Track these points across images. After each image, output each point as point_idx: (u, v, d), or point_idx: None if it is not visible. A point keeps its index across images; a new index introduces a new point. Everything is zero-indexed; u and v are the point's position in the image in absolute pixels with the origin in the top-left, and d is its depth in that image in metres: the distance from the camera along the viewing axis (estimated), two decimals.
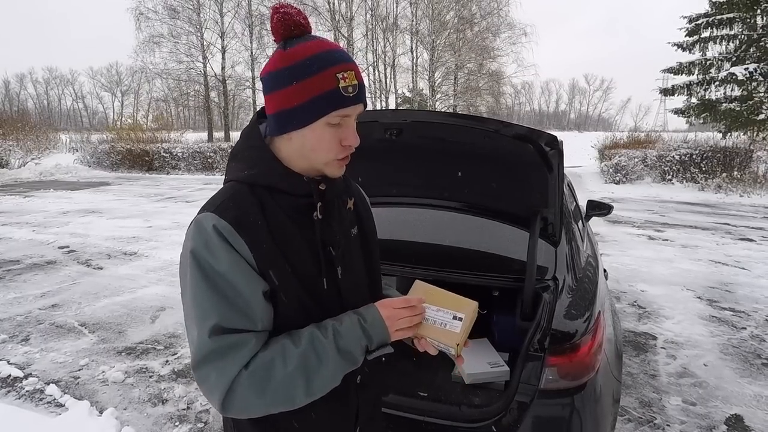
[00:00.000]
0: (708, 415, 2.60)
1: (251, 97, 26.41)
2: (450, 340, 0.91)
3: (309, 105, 0.81)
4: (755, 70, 12.83)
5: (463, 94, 24.74)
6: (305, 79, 0.80)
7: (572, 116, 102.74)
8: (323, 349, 0.81)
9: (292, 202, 0.87)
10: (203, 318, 0.77)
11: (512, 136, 1.68)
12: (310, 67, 0.80)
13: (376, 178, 2.12)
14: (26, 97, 75.70)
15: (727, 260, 5.63)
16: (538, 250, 1.83)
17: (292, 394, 0.79)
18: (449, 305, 0.95)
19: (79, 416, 2.53)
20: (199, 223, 0.80)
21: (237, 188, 0.85)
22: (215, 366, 0.76)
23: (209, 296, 0.77)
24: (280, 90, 0.81)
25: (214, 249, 0.78)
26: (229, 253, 0.79)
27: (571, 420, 1.50)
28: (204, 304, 0.78)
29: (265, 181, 0.86)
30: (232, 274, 0.78)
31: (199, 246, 0.79)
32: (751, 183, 11.34)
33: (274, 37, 0.84)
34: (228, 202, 0.83)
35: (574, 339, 1.54)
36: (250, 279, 0.80)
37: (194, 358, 0.78)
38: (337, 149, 0.85)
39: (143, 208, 9.47)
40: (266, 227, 0.82)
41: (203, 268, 0.78)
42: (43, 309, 4.13)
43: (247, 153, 0.88)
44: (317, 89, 0.80)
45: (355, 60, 0.90)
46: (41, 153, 18.25)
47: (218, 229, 0.79)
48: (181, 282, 0.83)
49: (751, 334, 3.61)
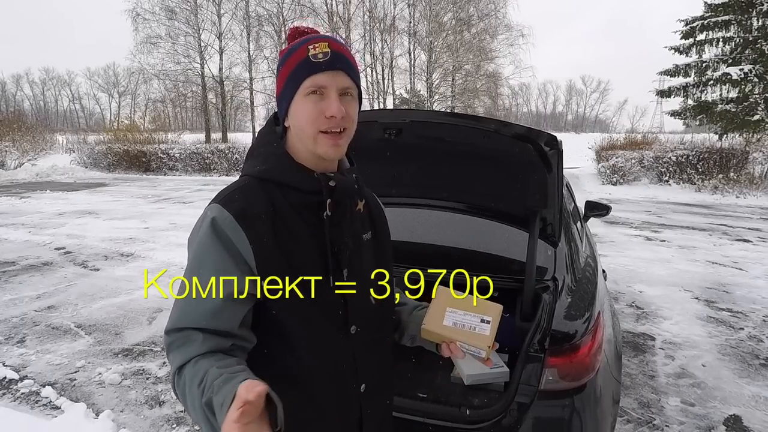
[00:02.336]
0: (707, 415, 2.60)
1: (249, 98, 26.36)
2: (481, 342, 0.93)
3: (288, 82, 0.85)
4: (750, 72, 12.90)
5: (460, 95, 24.77)
6: (285, 63, 0.86)
7: (569, 118, 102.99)
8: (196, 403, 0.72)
9: (302, 199, 0.86)
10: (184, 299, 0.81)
11: (511, 135, 1.67)
12: (290, 51, 0.86)
13: (375, 177, 2.10)
14: (23, 98, 75.37)
15: (724, 261, 5.65)
16: (538, 251, 1.83)
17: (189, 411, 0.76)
18: (475, 309, 0.97)
19: (75, 418, 2.51)
20: (204, 213, 0.84)
21: (247, 182, 0.87)
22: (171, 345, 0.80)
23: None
24: (275, 82, 0.90)
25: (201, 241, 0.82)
26: (217, 246, 0.81)
27: (571, 421, 1.50)
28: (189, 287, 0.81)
29: (275, 176, 0.87)
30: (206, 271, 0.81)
31: (193, 235, 0.84)
32: (747, 184, 11.39)
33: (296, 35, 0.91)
34: (235, 194, 0.84)
35: (573, 340, 1.54)
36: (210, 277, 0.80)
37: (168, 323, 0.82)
38: (320, 121, 0.84)
39: (140, 210, 9.44)
40: (271, 222, 0.82)
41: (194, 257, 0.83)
42: (39, 311, 4.10)
43: (262, 149, 0.91)
44: (293, 65, 0.85)
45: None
46: (38, 154, 18.20)
47: (215, 221, 0.81)
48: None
49: (749, 335, 3.62)
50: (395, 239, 2.37)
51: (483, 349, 0.93)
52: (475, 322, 0.95)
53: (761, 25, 13.34)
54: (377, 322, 0.97)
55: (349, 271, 0.90)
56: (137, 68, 24.11)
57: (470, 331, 0.94)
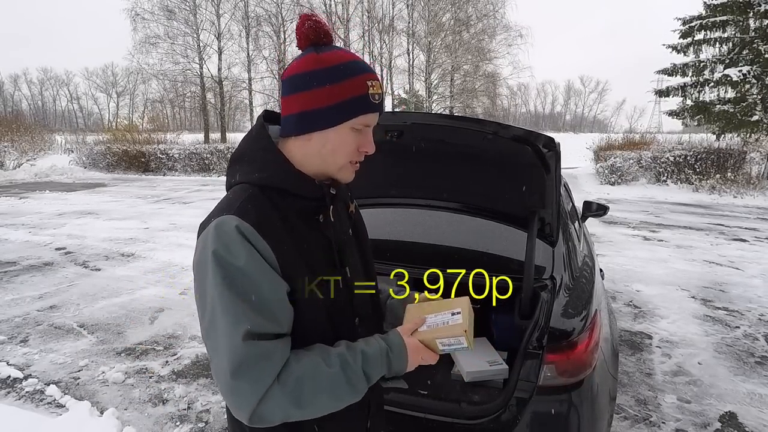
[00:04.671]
0: (702, 412, 2.64)
1: (248, 99, 26.36)
2: (457, 330, 0.95)
3: (339, 107, 0.84)
4: (748, 72, 12.95)
5: (459, 95, 24.81)
6: (338, 82, 0.83)
7: (568, 118, 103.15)
8: (352, 373, 0.83)
9: (302, 205, 0.89)
10: (234, 324, 0.75)
11: (510, 137, 1.71)
12: (344, 72, 0.83)
13: (377, 179, 2.15)
14: (20, 98, 75.25)
15: (721, 260, 5.69)
16: (536, 250, 1.86)
17: (320, 409, 0.81)
18: (444, 308, 1.01)
19: (79, 416, 2.54)
20: (220, 226, 0.79)
21: (251, 191, 0.84)
22: (250, 377, 0.74)
23: (237, 301, 0.76)
24: (310, 90, 0.83)
25: (238, 251, 0.77)
26: (252, 255, 0.78)
27: (569, 416, 1.53)
28: (233, 310, 0.75)
29: (277, 183, 0.86)
30: (257, 276, 0.78)
31: (221, 249, 0.77)
32: (744, 184, 11.45)
33: (302, 42, 0.86)
34: (246, 205, 0.82)
35: (571, 337, 1.57)
36: (273, 281, 0.80)
37: (227, 368, 0.74)
38: (354, 154, 0.89)
39: (140, 210, 9.45)
40: (283, 229, 0.83)
41: (229, 272, 0.76)
42: (41, 310, 4.13)
43: (258, 155, 0.88)
44: (348, 93, 0.84)
45: None
46: (36, 154, 18.18)
47: (241, 230, 0.78)
48: (197, 289, 0.80)
49: (745, 333, 3.66)
50: (396, 239, 2.41)
51: (461, 336, 0.95)
52: (447, 317, 0.99)
53: (758, 26, 13.40)
54: (373, 312, 1.05)
55: (350, 268, 0.97)
56: (136, 68, 24.07)
57: (445, 326, 0.97)
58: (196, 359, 3.26)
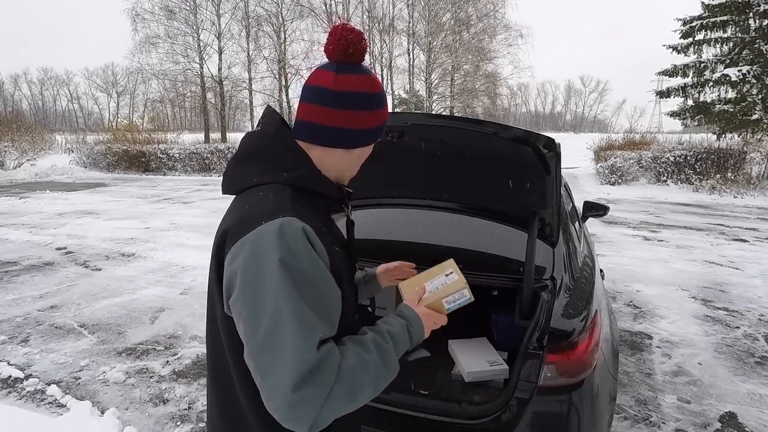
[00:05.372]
0: (702, 412, 2.64)
1: (248, 99, 26.36)
2: (459, 286, 1.05)
3: (378, 129, 0.95)
4: (748, 72, 12.96)
5: (459, 95, 24.80)
6: (383, 107, 0.94)
7: (568, 117, 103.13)
8: (387, 356, 0.84)
9: (324, 204, 0.93)
10: (307, 333, 0.73)
11: (511, 138, 1.71)
12: (384, 98, 0.94)
13: (378, 179, 2.15)
14: (21, 98, 75.24)
15: (721, 260, 5.70)
16: (536, 251, 1.86)
17: (367, 398, 0.81)
18: (435, 274, 1.11)
19: (80, 416, 2.54)
20: (284, 229, 0.76)
21: (288, 191, 0.85)
22: (315, 384, 0.72)
23: (306, 308, 0.74)
24: (363, 111, 0.90)
25: (304, 255, 0.76)
26: (315, 258, 0.78)
27: (569, 416, 1.54)
28: (304, 318, 0.73)
29: (309, 184, 0.88)
30: (320, 280, 0.78)
31: (287, 254, 0.74)
32: (744, 184, 11.45)
33: (344, 57, 0.88)
34: (296, 205, 0.82)
35: (571, 337, 1.58)
36: (332, 284, 0.81)
37: (288, 382, 0.70)
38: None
39: (140, 210, 9.46)
40: (322, 228, 0.85)
41: (297, 279, 0.74)
42: (42, 310, 4.13)
43: (285, 154, 0.89)
44: (383, 118, 0.95)
45: None
46: (37, 154, 18.18)
47: (306, 233, 0.77)
48: (248, 300, 0.75)
49: (745, 333, 3.67)
50: (396, 240, 2.41)
51: (464, 289, 1.04)
52: (443, 279, 1.08)
53: (758, 26, 13.40)
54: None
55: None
56: (136, 68, 24.06)
57: (444, 286, 1.05)
58: (197, 359, 3.26)
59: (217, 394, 0.93)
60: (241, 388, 0.85)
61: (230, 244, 0.79)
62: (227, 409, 0.91)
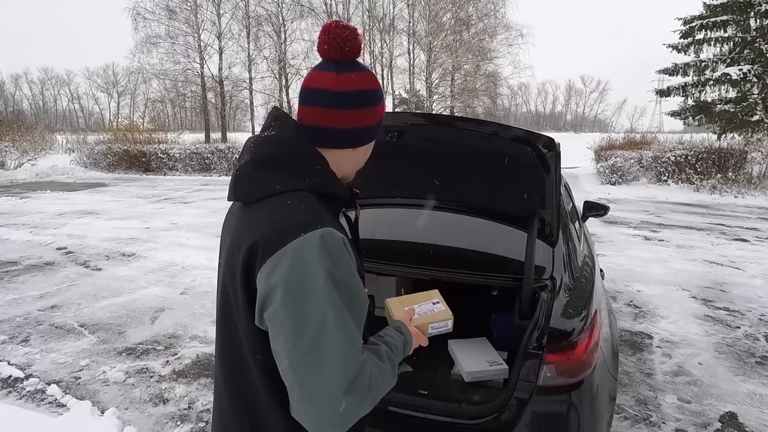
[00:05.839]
0: (703, 412, 2.64)
1: (248, 98, 26.38)
2: (445, 316, 1.14)
3: (381, 123, 0.96)
4: (749, 72, 12.94)
5: (460, 95, 24.80)
6: (383, 101, 0.95)
7: (569, 117, 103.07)
8: (395, 368, 0.88)
9: (337, 206, 0.94)
10: (351, 341, 0.75)
11: (510, 138, 1.71)
12: (381, 92, 0.95)
13: (378, 179, 2.15)
14: (21, 98, 75.31)
15: (722, 260, 5.69)
16: (536, 251, 1.86)
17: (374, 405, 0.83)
18: (423, 299, 1.20)
19: (80, 416, 2.54)
20: (326, 241, 0.76)
21: (314, 199, 0.84)
22: (358, 390, 0.75)
23: (348, 317, 0.76)
24: (368, 108, 0.90)
25: (346, 266, 0.78)
26: (353, 268, 0.80)
27: (569, 416, 1.54)
28: (348, 327, 0.75)
29: (328, 189, 0.88)
30: (357, 289, 0.81)
31: (332, 265, 0.75)
32: (745, 184, 11.44)
33: (341, 55, 0.86)
34: (327, 215, 0.83)
35: (571, 337, 1.57)
36: (363, 292, 0.84)
37: (339, 388, 0.72)
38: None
39: (141, 210, 9.46)
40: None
41: (342, 289, 0.76)
42: (42, 310, 4.14)
43: (304, 160, 0.87)
44: (383, 111, 0.96)
45: None
46: (37, 154, 18.17)
47: (345, 243, 0.79)
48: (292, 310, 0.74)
49: (745, 333, 3.66)
50: (396, 240, 2.41)
51: (449, 320, 1.14)
52: (430, 306, 1.17)
53: (759, 25, 13.38)
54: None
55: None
56: (137, 68, 24.13)
57: (432, 314, 1.14)
58: (197, 359, 3.26)
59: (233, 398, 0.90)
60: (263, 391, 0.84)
61: (265, 255, 0.76)
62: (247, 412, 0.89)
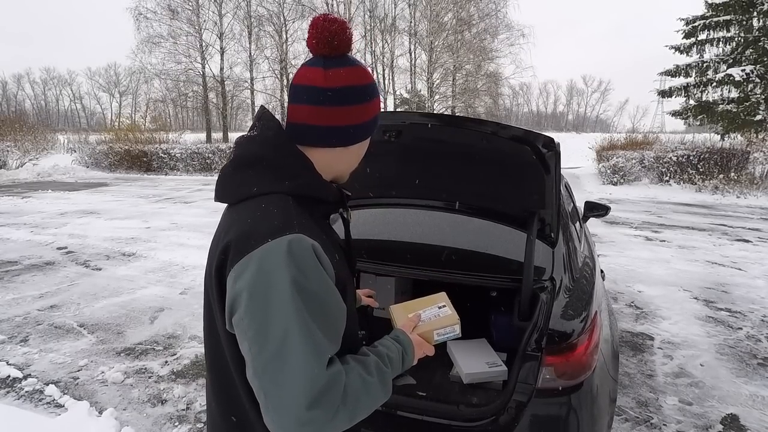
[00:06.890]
0: (704, 414, 2.62)
1: (250, 98, 26.39)
2: (452, 320, 1.07)
3: (375, 120, 0.91)
4: (752, 72, 12.91)
5: (461, 95, 24.78)
6: (376, 97, 0.90)
7: (570, 117, 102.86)
8: (386, 381, 0.84)
9: (325, 210, 0.90)
10: (317, 353, 0.71)
11: (510, 138, 1.70)
12: (375, 88, 0.90)
13: (375, 179, 2.14)
14: (24, 98, 75.46)
15: (724, 261, 5.66)
16: (536, 251, 1.84)
17: (361, 418, 0.79)
18: (427, 304, 1.13)
19: (78, 416, 2.54)
20: (294, 247, 0.73)
21: (291, 201, 0.81)
22: (325, 404, 0.70)
23: (315, 329, 0.72)
24: (358, 105, 0.87)
25: (314, 274, 0.74)
26: (323, 276, 0.75)
27: (568, 419, 1.52)
28: (314, 338, 0.71)
29: (311, 191, 0.85)
30: (329, 298, 0.76)
31: (297, 273, 0.72)
32: (747, 184, 11.39)
33: (330, 50, 0.84)
34: (301, 219, 0.78)
35: (570, 339, 1.56)
36: (339, 301, 0.78)
37: (302, 401, 0.68)
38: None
39: (141, 209, 9.47)
40: (327, 241, 0.82)
41: (308, 298, 0.72)
42: (41, 310, 4.13)
43: (286, 161, 0.84)
44: (377, 108, 0.92)
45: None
46: (39, 154, 18.22)
47: (315, 251, 0.75)
48: (254, 318, 0.72)
49: (747, 335, 3.64)
50: (395, 240, 2.40)
51: (455, 325, 1.07)
52: (435, 312, 1.10)
53: (762, 24, 13.34)
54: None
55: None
56: (138, 68, 24.17)
57: (437, 319, 1.07)
58: (196, 359, 3.25)
59: (219, 398, 0.90)
60: (244, 393, 0.83)
61: (234, 260, 0.75)
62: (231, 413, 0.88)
